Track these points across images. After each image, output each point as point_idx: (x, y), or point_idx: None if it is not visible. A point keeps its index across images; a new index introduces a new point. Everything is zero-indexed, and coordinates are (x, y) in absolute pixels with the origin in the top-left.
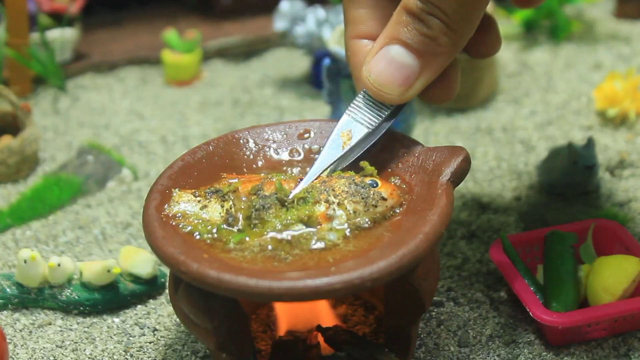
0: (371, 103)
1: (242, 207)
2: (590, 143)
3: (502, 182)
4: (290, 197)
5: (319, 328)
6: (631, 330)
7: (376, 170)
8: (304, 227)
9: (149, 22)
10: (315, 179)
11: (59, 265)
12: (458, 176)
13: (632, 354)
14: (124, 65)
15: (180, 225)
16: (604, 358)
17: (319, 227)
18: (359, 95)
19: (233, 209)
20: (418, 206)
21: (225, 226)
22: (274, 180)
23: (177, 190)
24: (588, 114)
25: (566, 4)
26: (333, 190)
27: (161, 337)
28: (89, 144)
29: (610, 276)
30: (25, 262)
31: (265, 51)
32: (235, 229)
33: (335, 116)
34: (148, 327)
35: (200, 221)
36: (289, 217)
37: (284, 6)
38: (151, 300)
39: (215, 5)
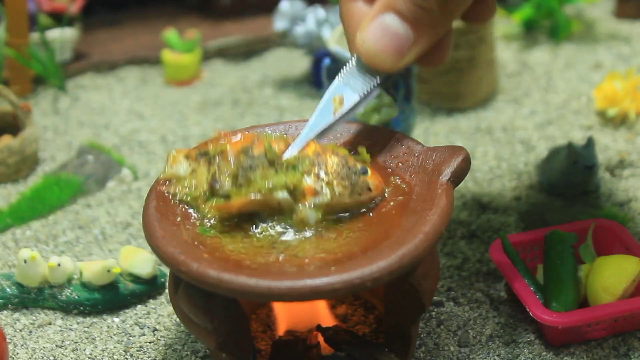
0: (364, 68)
1: (231, 167)
2: (590, 143)
3: (502, 182)
4: (281, 158)
5: (319, 328)
6: (631, 330)
7: (370, 158)
8: (288, 195)
9: (149, 22)
10: (306, 144)
11: (59, 265)
12: (458, 176)
13: (632, 353)
14: (124, 65)
15: (174, 194)
16: (604, 358)
17: (302, 199)
18: (352, 60)
19: (217, 174)
20: (418, 206)
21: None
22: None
23: (173, 151)
24: (588, 114)
25: (566, 4)
26: (325, 166)
27: (161, 337)
28: (89, 144)
29: (610, 276)
30: (25, 262)
31: (265, 51)
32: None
33: None
34: (148, 327)
35: (191, 188)
36: (276, 181)
37: (284, 6)
38: (151, 300)
39: (215, 5)
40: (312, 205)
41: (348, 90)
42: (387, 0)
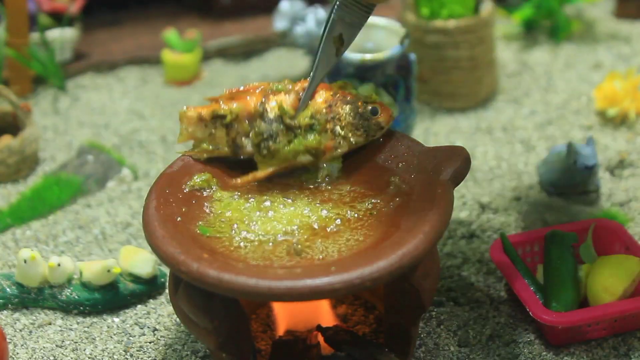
0: (356, 2)
1: (248, 129)
2: (590, 143)
3: (502, 182)
4: (296, 115)
5: (319, 328)
6: (631, 330)
7: (378, 98)
8: (310, 157)
9: (149, 22)
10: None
11: (59, 265)
12: (458, 176)
13: (632, 353)
14: (124, 65)
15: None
16: (604, 358)
17: (322, 156)
18: None
19: (237, 138)
20: (418, 206)
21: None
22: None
23: (190, 110)
24: (588, 114)
25: (566, 4)
26: (339, 120)
27: (161, 337)
28: (89, 144)
29: (611, 276)
30: (25, 262)
31: (265, 51)
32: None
33: None
34: (148, 327)
35: (209, 152)
36: (297, 148)
37: (284, 6)
38: (151, 300)
39: (215, 5)
40: (333, 158)
41: (345, 25)
42: None
